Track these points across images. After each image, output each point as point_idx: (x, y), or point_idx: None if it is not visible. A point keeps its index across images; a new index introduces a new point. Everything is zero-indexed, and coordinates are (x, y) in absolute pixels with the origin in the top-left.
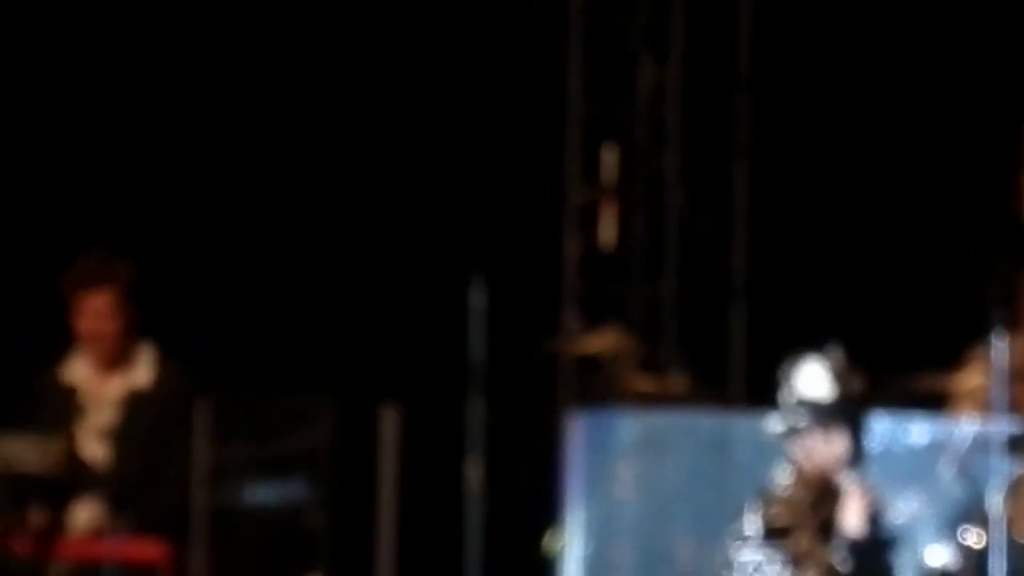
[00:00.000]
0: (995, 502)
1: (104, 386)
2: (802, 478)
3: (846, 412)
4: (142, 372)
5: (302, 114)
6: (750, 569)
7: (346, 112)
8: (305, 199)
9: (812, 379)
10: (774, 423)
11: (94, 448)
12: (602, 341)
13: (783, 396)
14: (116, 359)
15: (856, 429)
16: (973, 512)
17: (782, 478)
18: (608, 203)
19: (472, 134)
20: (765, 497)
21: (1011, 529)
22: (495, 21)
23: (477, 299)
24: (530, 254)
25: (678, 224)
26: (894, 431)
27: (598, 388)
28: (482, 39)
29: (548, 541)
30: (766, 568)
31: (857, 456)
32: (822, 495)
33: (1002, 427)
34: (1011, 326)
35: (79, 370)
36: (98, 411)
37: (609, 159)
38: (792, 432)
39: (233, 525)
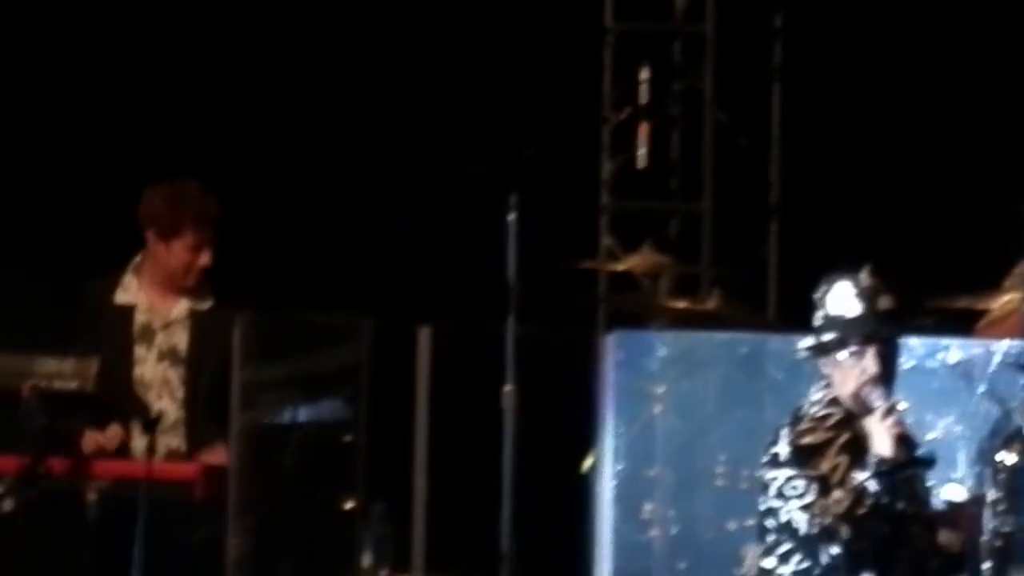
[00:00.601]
0: None
1: (170, 307)
2: (833, 397)
3: (877, 331)
4: (208, 299)
5: (334, 35)
6: (780, 489)
7: (381, 31)
8: (342, 119)
9: (843, 297)
10: (805, 341)
11: (157, 370)
12: (638, 260)
13: (816, 315)
14: (192, 288)
15: (888, 349)
16: (1006, 431)
17: (815, 397)
18: (643, 122)
19: (507, 55)
20: (797, 417)
21: None
22: None
23: (513, 219)
24: (566, 174)
25: (713, 143)
26: (928, 350)
27: (634, 307)
28: None
29: (586, 461)
30: (798, 487)
31: (888, 376)
32: (853, 414)
33: None
34: None
35: (136, 290)
36: (165, 334)
37: (644, 78)
38: (822, 350)
39: (270, 444)
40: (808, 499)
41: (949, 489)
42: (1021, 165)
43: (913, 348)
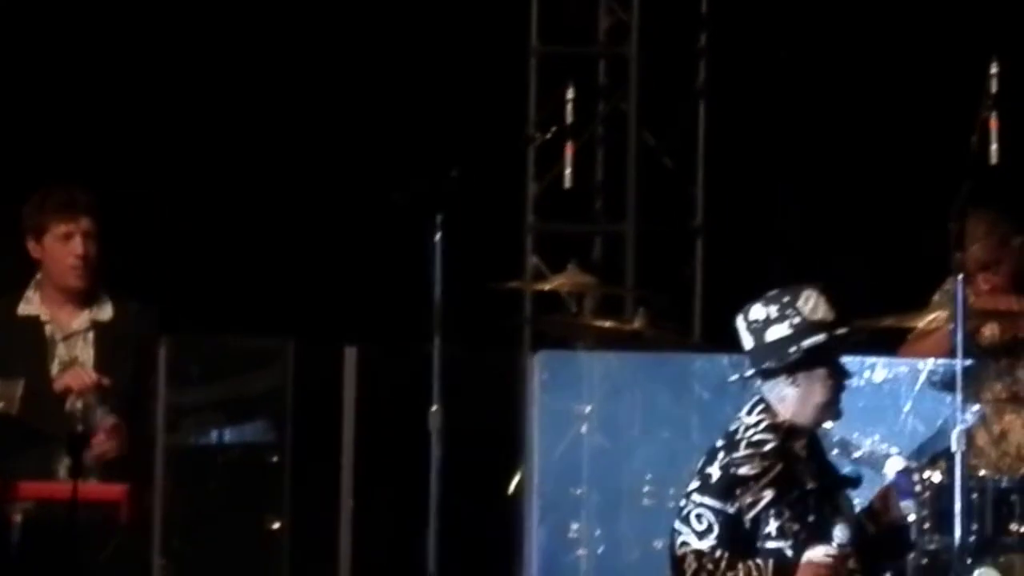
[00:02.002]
0: (954, 439)
1: (71, 319)
2: (770, 424)
3: (856, 335)
4: (107, 307)
5: (260, 56)
6: (688, 514)
7: (304, 53)
8: (264, 139)
9: (819, 303)
10: (743, 367)
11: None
12: (563, 281)
13: (781, 326)
14: (85, 292)
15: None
16: (932, 450)
17: (750, 421)
18: (569, 142)
19: (432, 74)
20: (733, 441)
21: (971, 465)
22: None
23: (438, 240)
24: (491, 195)
25: (638, 163)
26: (855, 368)
27: (559, 328)
28: None
29: (512, 481)
30: (703, 520)
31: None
32: (788, 444)
33: (961, 365)
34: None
35: (39, 303)
36: (66, 345)
37: (569, 98)
38: (761, 375)
39: (194, 466)
40: (708, 541)
41: (891, 463)
42: (945, 184)
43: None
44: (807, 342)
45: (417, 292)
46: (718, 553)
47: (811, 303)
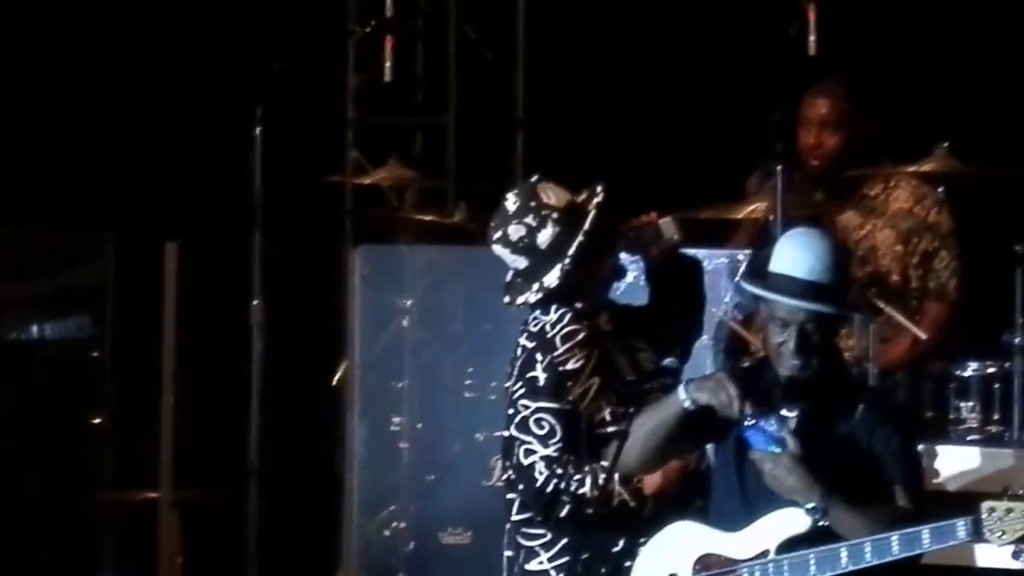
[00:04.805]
0: None
1: None
2: (576, 311)
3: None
4: None
5: None
6: (526, 420)
7: None
8: (86, 29)
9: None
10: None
11: None
12: (384, 174)
13: (523, 257)
14: None
15: None
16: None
17: (552, 318)
18: (389, 36)
19: None
20: (545, 340)
21: None
22: None
23: (258, 133)
24: (311, 88)
25: (458, 57)
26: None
27: (380, 221)
28: None
29: (336, 375)
30: (544, 425)
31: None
32: (599, 329)
33: None
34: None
35: None
36: None
37: None
38: (565, 279)
39: (15, 362)
40: (553, 444)
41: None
42: (768, 72)
43: None
44: (585, 226)
45: (238, 186)
46: (565, 457)
47: (551, 193)
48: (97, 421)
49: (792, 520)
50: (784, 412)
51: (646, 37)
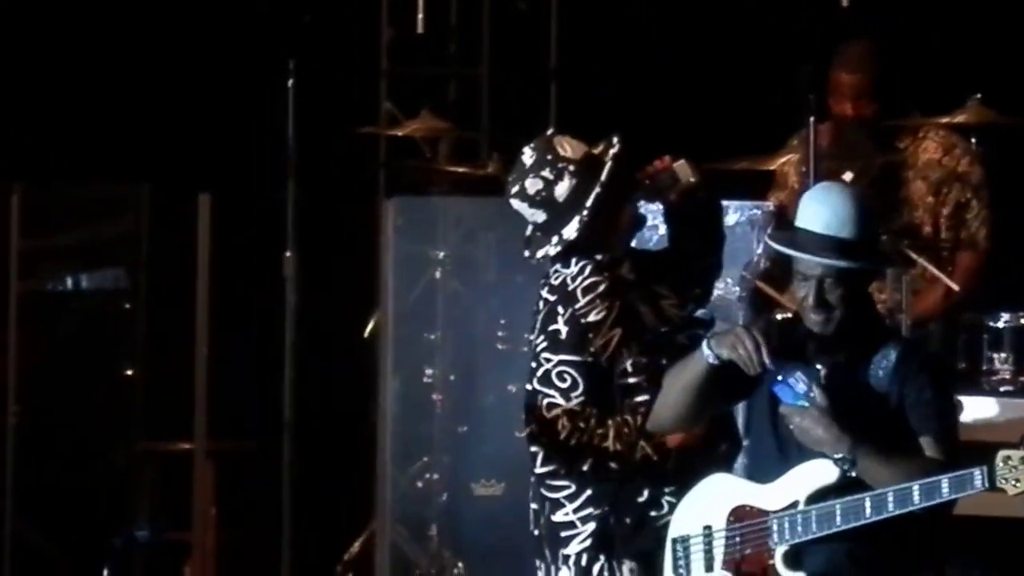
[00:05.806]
0: None
1: None
2: (597, 263)
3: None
4: None
5: None
6: (549, 372)
7: None
8: None
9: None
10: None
11: None
12: (417, 126)
13: (541, 211)
14: None
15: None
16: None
17: (573, 271)
18: None
19: None
20: (567, 293)
21: None
22: None
23: (291, 85)
24: (344, 40)
25: (491, 7)
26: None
27: (414, 173)
28: None
29: (368, 327)
30: (567, 378)
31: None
32: (621, 279)
33: None
34: (821, 113)
35: None
36: None
37: None
38: (582, 232)
39: (49, 312)
40: (576, 397)
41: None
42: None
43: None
44: (602, 178)
45: (271, 138)
46: (587, 411)
47: (567, 146)
48: (130, 372)
49: (821, 471)
50: (817, 365)
51: None
